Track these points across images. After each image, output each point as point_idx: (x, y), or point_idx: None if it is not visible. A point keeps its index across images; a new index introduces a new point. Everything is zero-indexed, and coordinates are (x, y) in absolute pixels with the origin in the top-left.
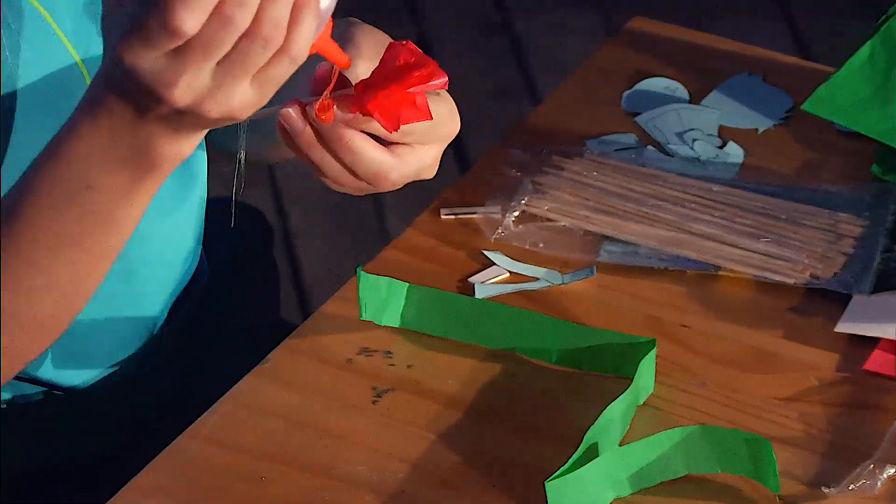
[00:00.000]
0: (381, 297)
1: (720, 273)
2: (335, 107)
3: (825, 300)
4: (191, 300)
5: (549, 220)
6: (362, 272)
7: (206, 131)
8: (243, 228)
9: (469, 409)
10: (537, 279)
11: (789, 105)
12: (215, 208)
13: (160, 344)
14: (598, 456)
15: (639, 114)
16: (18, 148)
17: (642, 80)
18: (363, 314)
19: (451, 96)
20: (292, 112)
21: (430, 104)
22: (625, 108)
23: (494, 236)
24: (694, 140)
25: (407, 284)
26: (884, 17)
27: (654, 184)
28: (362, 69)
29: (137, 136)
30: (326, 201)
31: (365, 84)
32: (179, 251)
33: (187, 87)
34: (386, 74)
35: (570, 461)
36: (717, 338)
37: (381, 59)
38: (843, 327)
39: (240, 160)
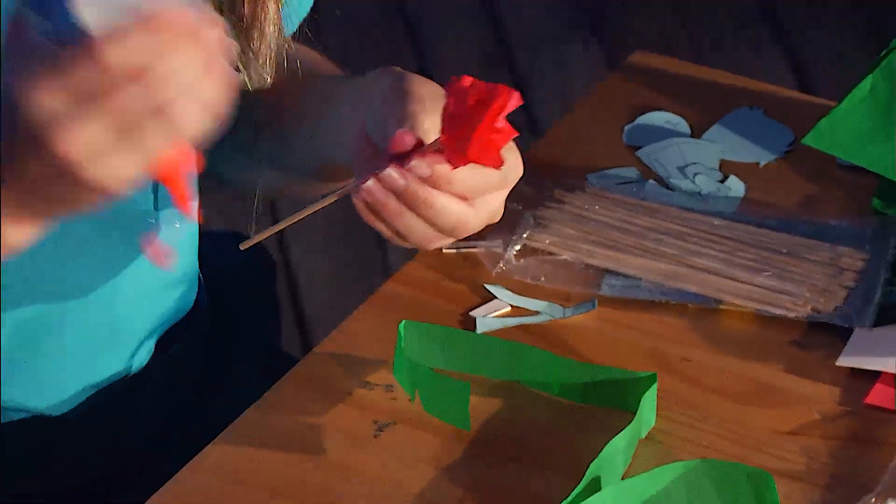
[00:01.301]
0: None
1: (722, 307)
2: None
3: (826, 334)
4: (188, 333)
5: (550, 253)
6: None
7: (41, 230)
8: (244, 262)
9: (471, 442)
10: (539, 313)
11: (790, 139)
12: (216, 242)
13: (153, 375)
14: (600, 489)
15: (640, 147)
16: None
17: (643, 113)
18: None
19: None
20: (372, 186)
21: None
22: (626, 142)
23: (496, 270)
24: (695, 174)
25: (403, 321)
26: (885, 50)
27: (655, 218)
28: (429, 125)
29: None
30: (328, 235)
31: (451, 137)
32: (163, 283)
33: (85, 139)
34: (465, 116)
35: (573, 495)
36: (718, 371)
37: (447, 104)
38: (844, 361)
39: (258, 195)
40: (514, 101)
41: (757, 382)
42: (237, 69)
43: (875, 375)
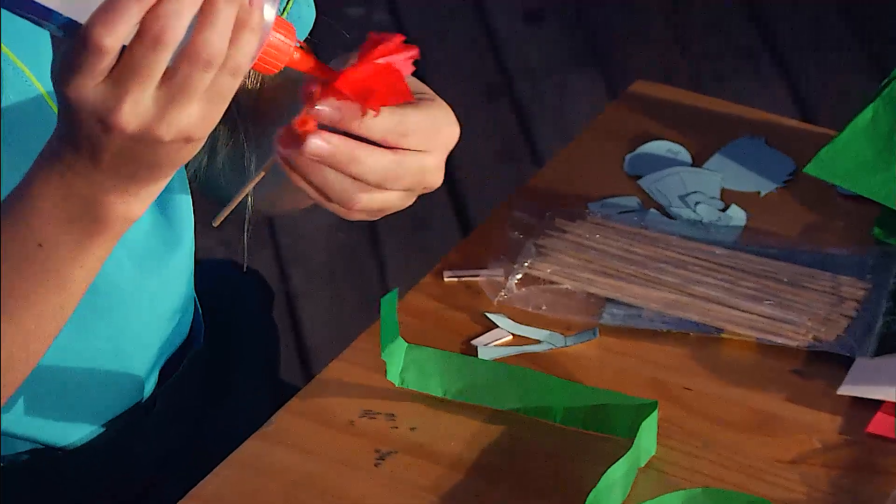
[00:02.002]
0: (390, 335)
1: (723, 336)
2: (323, 106)
3: (828, 363)
4: (186, 361)
5: (551, 282)
6: (386, 301)
7: (158, 189)
8: (243, 290)
9: (472, 470)
10: (540, 342)
11: (791, 168)
12: (214, 270)
13: (152, 405)
14: None
15: (641, 177)
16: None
17: (645, 142)
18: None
19: (455, 160)
20: (283, 137)
21: (426, 109)
22: (627, 171)
23: (497, 299)
24: (696, 203)
25: (405, 344)
26: (886, 79)
27: (656, 246)
28: None
29: (89, 189)
30: (328, 264)
31: (336, 74)
32: (167, 313)
33: (133, 110)
34: (357, 59)
35: None
36: (719, 400)
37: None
38: (845, 390)
39: (249, 207)
40: (408, 53)
41: (758, 411)
42: None
43: (876, 404)
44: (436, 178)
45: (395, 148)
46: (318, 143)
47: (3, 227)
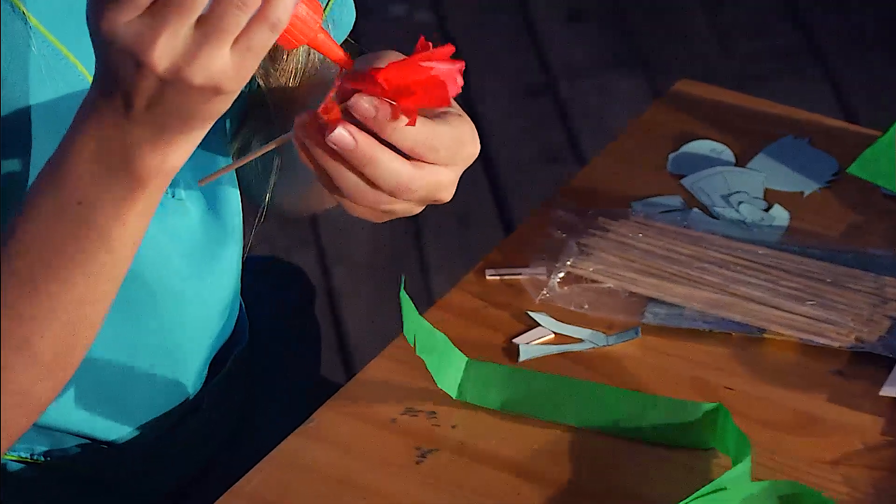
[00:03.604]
0: (438, 352)
1: (765, 336)
2: (357, 101)
3: (870, 364)
4: (231, 359)
5: (594, 281)
6: (405, 296)
7: (193, 143)
8: (286, 287)
9: (514, 469)
10: (582, 340)
11: (835, 168)
12: (257, 267)
13: (200, 402)
14: None
15: (684, 176)
16: (35, 168)
17: (688, 142)
18: (411, 340)
19: (497, 159)
20: (305, 120)
21: (455, 125)
22: (670, 171)
23: (539, 297)
24: (739, 203)
25: (466, 359)
26: None
27: (699, 246)
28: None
29: (123, 140)
30: (370, 261)
31: (377, 70)
32: (216, 310)
33: (166, 48)
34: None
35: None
36: (761, 400)
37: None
38: (888, 391)
39: (266, 198)
40: (445, 50)
41: (800, 412)
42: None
43: None
44: (448, 193)
45: (418, 160)
46: (344, 134)
47: (45, 187)
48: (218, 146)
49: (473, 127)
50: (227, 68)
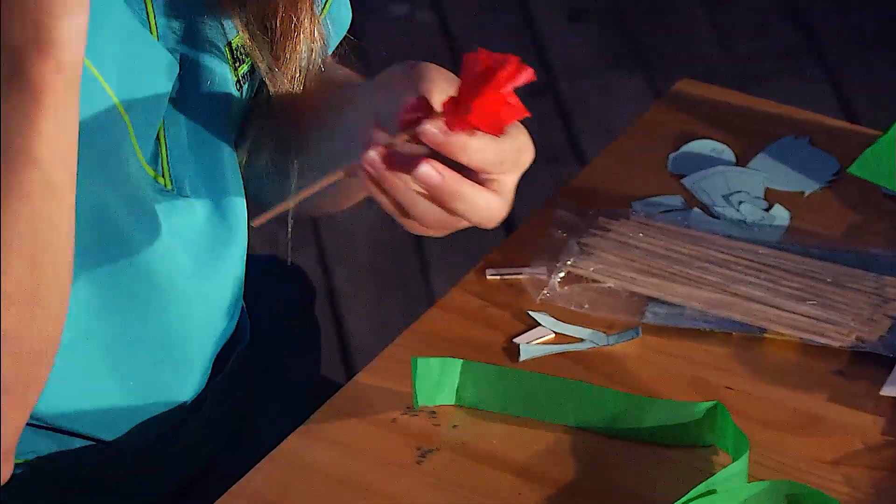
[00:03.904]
0: (434, 380)
1: (765, 335)
2: (435, 132)
3: (871, 364)
4: (233, 358)
5: (594, 281)
6: (417, 359)
7: (74, 29)
8: (286, 287)
9: (514, 469)
10: (582, 340)
11: (835, 168)
12: (258, 266)
13: (202, 402)
14: None
15: (685, 176)
16: None
17: (688, 142)
18: (417, 402)
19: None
20: (375, 158)
21: (515, 136)
22: (671, 171)
23: (540, 297)
24: (740, 202)
25: (461, 361)
26: None
27: (699, 246)
28: (439, 99)
29: (8, 52)
30: (371, 261)
31: (454, 101)
32: (220, 309)
33: None
34: (472, 84)
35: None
36: (762, 400)
37: (461, 74)
38: (888, 391)
39: (291, 204)
40: (525, 74)
41: (800, 411)
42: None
43: None
44: (508, 204)
45: (488, 176)
46: (430, 171)
47: None
48: (224, 152)
49: (527, 133)
50: None
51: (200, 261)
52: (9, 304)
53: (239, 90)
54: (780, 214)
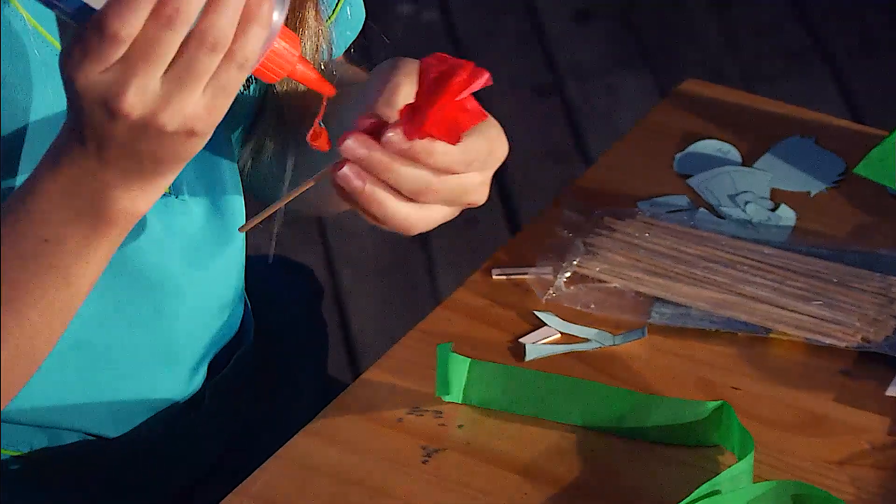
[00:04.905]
0: (442, 373)
1: (771, 335)
2: (393, 137)
3: (877, 364)
4: (236, 357)
5: (600, 281)
6: (442, 347)
7: (164, 185)
8: (293, 287)
9: (519, 469)
10: (588, 340)
11: (841, 168)
12: (264, 267)
13: (199, 400)
14: None
15: (691, 176)
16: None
17: (694, 142)
18: (442, 391)
19: (504, 159)
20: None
21: (485, 131)
22: (677, 170)
23: (546, 297)
24: (746, 202)
25: (468, 360)
26: None
27: (705, 246)
28: (407, 93)
29: (94, 184)
30: (377, 261)
31: (411, 108)
32: (214, 307)
33: (138, 95)
34: (428, 91)
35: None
36: (767, 400)
37: (419, 80)
38: (894, 391)
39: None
40: (481, 80)
41: (806, 411)
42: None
43: None
44: (481, 196)
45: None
46: (353, 144)
47: (10, 221)
48: (223, 153)
49: (499, 126)
50: (200, 111)
51: (195, 258)
52: None
53: (245, 89)
54: (786, 214)
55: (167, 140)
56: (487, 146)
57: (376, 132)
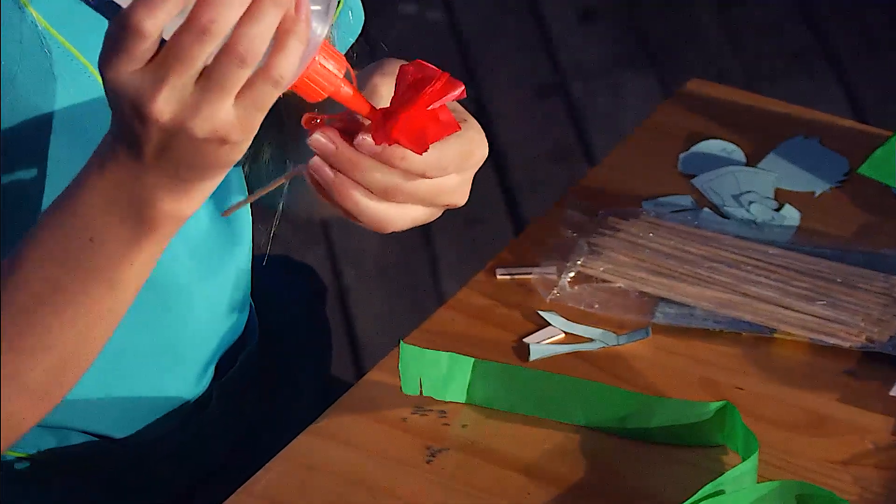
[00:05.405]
0: (442, 373)
1: (775, 336)
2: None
3: (881, 364)
4: (242, 357)
5: (604, 281)
6: (405, 344)
7: (208, 189)
8: (296, 287)
9: (523, 469)
10: (592, 340)
11: (846, 168)
12: (268, 266)
13: (207, 401)
14: None
15: (695, 176)
16: (47, 173)
17: (699, 142)
18: (407, 388)
19: (508, 158)
20: (316, 162)
21: (463, 134)
22: (681, 170)
23: (550, 297)
24: (750, 202)
25: (472, 359)
26: None
27: (709, 246)
28: (385, 93)
29: (137, 186)
30: (381, 260)
31: (384, 114)
32: (222, 309)
33: (168, 101)
34: (401, 98)
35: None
36: (771, 400)
37: (395, 86)
38: None
39: (279, 207)
40: (455, 92)
41: (810, 411)
42: None
43: None
44: (460, 197)
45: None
46: (321, 139)
47: (54, 223)
48: None
49: (479, 129)
50: (231, 120)
51: (203, 261)
52: (23, 403)
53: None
54: (791, 214)
55: (199, 146)
56: (466, 149)
57: (351, 131)
